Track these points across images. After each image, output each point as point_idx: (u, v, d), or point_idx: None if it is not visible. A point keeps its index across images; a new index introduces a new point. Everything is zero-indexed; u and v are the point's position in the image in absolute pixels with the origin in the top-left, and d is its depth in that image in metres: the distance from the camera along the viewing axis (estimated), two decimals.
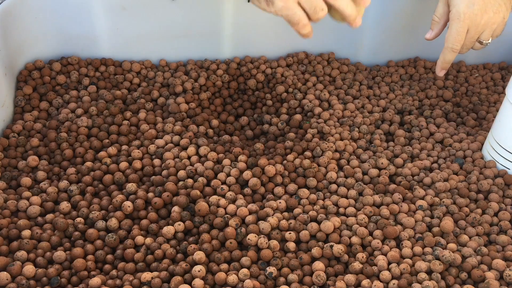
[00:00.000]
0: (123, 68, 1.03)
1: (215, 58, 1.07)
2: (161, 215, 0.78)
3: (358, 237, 0.75)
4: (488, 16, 0.86)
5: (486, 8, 0.85)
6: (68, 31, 0.98)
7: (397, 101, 1.02)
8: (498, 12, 0.86)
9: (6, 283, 0.65)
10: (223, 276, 0.68)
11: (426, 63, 1.12)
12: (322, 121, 0.95)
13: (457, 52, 0.88)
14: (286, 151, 0.89)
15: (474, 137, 0.94)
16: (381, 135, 0.95)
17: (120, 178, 0.81)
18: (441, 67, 0.90)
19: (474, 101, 1.05)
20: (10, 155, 0.84)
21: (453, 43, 0.86)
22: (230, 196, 0.79)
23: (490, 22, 0.86)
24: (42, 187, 0.80)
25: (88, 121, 0.90)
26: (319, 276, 0.69)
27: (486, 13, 0.85)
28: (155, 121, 0.93)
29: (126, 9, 0.98)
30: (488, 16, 0.85)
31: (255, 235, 0.73)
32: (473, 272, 0.71)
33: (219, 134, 0.96)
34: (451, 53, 0.87)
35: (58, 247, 0.72)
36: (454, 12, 0.85)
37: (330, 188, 0.83)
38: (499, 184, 0.84)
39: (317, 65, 1.08)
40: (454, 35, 0.86)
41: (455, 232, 0.77)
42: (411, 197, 0.82)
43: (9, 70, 0.92)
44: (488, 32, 0.88)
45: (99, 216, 0.76)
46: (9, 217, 0.75)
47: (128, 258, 0.72)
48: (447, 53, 0.88)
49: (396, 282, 0.69)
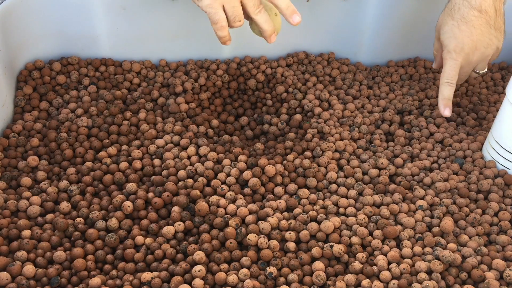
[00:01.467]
0: (123, 68, 1.03)
1: (215, 58, 1.07)
2: (161, 215, 0.78)
3: (358, 237, 0.75)
4: (480, 52, 0.88)
5: (476, 46, 0.87)
6: (68, 31, 0.98)
7: (397, 101, 1.02)
8: (490, 46, 0.88)
9: (6, 283, 0.65)
10: (223, 276, 0.68)
11: (426, 63, 1.12)
12: (322, 121, 0.95)
13: (454, 87, 0.89)
14: (286, 151, 0.89)
15: (474, 137, 0.94)
16: (381, 135, 0.95)
17: (120, 178, 0.81)
18: (444, 105, 0.89)
19: (474, 101, 1.05)
20: (10, 155, 0.84)
21: (448, 78, 0.88)
22: (230, 196, 0.79)
23: (483, 57, 0.89)
24: (42, 187, 0.80)
25: (88, 121, 0.90)
26: (319, 276, 0.69)
27: (477, 50, 0.87)
28: (155, 121, 0.93)
29: (126, 9, 0.98)
30: (479, 52, 0.88)
31: (255, 235, 0.73)
32: (473, 272, 0.71)
33: (219, 134, 0.96)
34: (447, 88, 0.88)
35: (58, 247, 0.72)
36: (445, 52, 0.88)
37: (330, 188, 0.83)
38: (499, 184, 0.84)
39: (317, 65, 1.08)
40: (448, 72, 0.88)
41: (455, 232, 0.77)
42: (411, 197, 0.82)
43: (9, 70, 0.92)
44: (483, 65, 0.91)
45: (99, 216, 0.76)
46: (9, 217, 0.75)
47: (128, 258, 0.72)
48: (444, 89, 0.89)
49: (396, 282, 0.69)
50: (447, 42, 0.88)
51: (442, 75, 0.89)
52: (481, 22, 0.86)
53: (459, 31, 0.87)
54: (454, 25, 0.87)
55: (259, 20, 0.79)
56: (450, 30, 0.88)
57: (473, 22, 0.86)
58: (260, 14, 0.79)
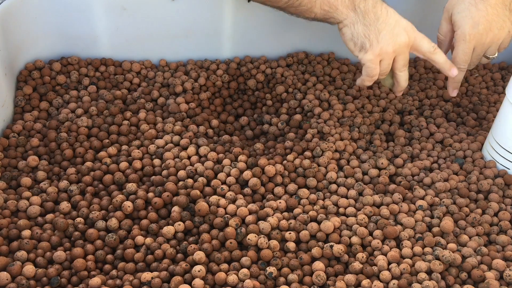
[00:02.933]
0: (123, 68, 1.03)
1: (215, 58, 1.07)
2: (161, 215, 0.78)
3: (358, 237, 0.75)
4: (493, 33, 0.86)
5: (490, 27, 0.85)
6: (68, 31, 0.98)
7: (397, 101, 1.02)
8: (503, 28, 0.86)
9: (6, 283, 0.65)
10: (223, 276, 0.68)
11: (426, 63, 1.12)
12: (322, 121, 0.95)
13: (465, 71, 0.89)
14: (286, 151, 0.89)
15: (474, 137, 0.94)
16: (381, 135, 0.95)
17: (120, 178, 0.81)
18: (453, 87, 0.92)
19: (474, 101, 1.05)
20: (10, 155, 0.84)
21: (460, 63, 0.87)
22: (230, 196, 0.79)
23: (495, 39, 0.87)
24: (42, 187, 0.80)
25: (88, 121, 0.90)
26: (319, 276, 0.69)
27: (491, 31, 0.85)
28: (155, 121, 0.93)
29: (126, 9, 0.98)
30: (493, 33, 0.86)
31: (255, 235, 0.73)
32: (473, 272, 0.71)
33: (219, 134, 0.96)
34: (459, 73, 0.88)
35: (58, 247, 0.72)
36: (459, 33, 0.86)
37: (330, 188, 0.83)
38: (499, 184, 0.84)
39: (317, 65, 1.08)
40: (461, 55, 0.86)
41: (455, 232, 0.77)
42: (411, 197, 0.82)
43: (9, 70, 0.92)
44: (494, 48, 0.88)
45: (99, 216, 0.76)
46: (9, 217, 0.74)
47: (128, 258, 0.72)
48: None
49: (396, 282, 0.69)
50: (462, 22, 0.85)
51: (454, 59, 0.87)
52: (498, 2, 0.85)
53: (476, 10, 0.84)
54: (471, 3, 0.84)
55: (402, 77, 0.86)
56: (467, 9, 0.85)
57: (490, 1, 0.84)
58: (405, 72, 0.85)
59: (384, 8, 0.80)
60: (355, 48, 0.82)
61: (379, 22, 0.79)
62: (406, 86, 0.88)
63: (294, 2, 0.82)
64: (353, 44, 0.82)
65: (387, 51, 0.80)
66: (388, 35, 0.80)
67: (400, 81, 0.86)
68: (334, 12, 0.81)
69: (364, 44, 0.81)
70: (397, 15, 0.81)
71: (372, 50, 0.80)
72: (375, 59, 0.81)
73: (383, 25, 0.79)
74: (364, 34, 0.80)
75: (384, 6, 0.81)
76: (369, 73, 0.83)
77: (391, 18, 0.80)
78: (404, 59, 0.83)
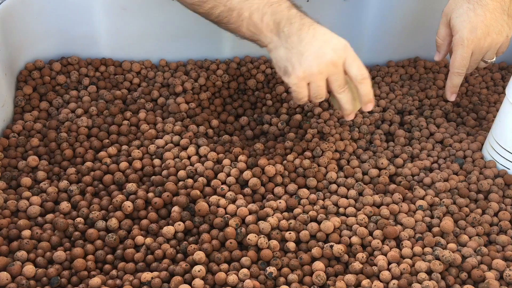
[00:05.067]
0: (123, 68, 1.03)
1: (215, 58, 1.07)
2: (161, 215, 0.78)
3: (358, 237, 0.75)
4: (491, 38, 0.86)
5: (488, 31, 0.85)
6: (68, 31, 0.98)
7: (397, 101, 1.02)
8: (501, 33, 0.86)
9: (6, 283, 0.65)
10: (223, 276, 0.68)
11: (426, 63, 1.12)
12: (322, 121, 0.95)
13: (463, 75, 0.89)
14: (286, 151, 0.89)
15: (474, 137, 0.94)
16: (381, 135, 0.95)
17: (120, 178, 0.81)
18: (451, 92, 0.92)
19: (474, 101, 1.05)
20: (10, 155, 0.84)
21: (458, 68, 0.87)
22: (230, 196, 0.79)
23: (493, 43, 0.87)
24: (42, 187, 0.80)
25: (88, 121, 0.90)
26: (319, 276, 0.69)
27: (489, 35, 0.85)
28: (155, 121, 0.93)
29: (126, 9, 0.98)
30: (491, 38, 0.86)
31: (255, 235, 0.73)
32: (473, 272, 0.71)
33: (219, 134, 0.96)
34: (457, 77, 0.88)
35: (58, 247, 0.72)
36: (458, 38, 0.85)
37: (330, 188, 0.83)
38: (499, 184, 0.84)
39: None
40: (459, 60, 0.86)
41: (455, 232, 0.77)
42: (411, 197, 0.82)
43: (9, 70, 0.92)
44: (492, 52, 0.88)
45: (99, 216, 0.76)
46: (9, 217, 0.74)
47: (128, 258, 0.72)
48: (454, 78, 0.89)
49: (396, 282, 0.69)
50: (460, 26, 0.85)
51: (452, 64, 0.87)
52: (496, 7, 0.85)
53: (474, 15, 0.84)
54: (470, 8, 0.84)
55: (342, 99, 0.79)
56: (465, 13, 0.85)
57: (488, 6, 0.84)
58: (344, 94, 0.78)
59: (312, 30, 0.74)
60: (280, 72, 0.78)
61: (302, 44, 0.74)
62: (351, 108, 0.80)
63: (223, 19, 0.79)
64: (278, 68, 0.78)
65: (312, 73, 0.75)
66: (311, 56, 0.74)
67: (342, 104, 0.79)
68: (259, 35, 0.77)
69: (287, 68, 0.76)
70: (329, 34, 0.75)
71: (295, 74, 0.75)
72: (300, 82, 0.76)
73: (307, 46, 0.74)
74: (286, 58, 0.75)
75: (312, 28, 0.75)
76: (296, 96, 0.78)
77: (318, 39, 0.74)
78: (338, 80, 0.76)
